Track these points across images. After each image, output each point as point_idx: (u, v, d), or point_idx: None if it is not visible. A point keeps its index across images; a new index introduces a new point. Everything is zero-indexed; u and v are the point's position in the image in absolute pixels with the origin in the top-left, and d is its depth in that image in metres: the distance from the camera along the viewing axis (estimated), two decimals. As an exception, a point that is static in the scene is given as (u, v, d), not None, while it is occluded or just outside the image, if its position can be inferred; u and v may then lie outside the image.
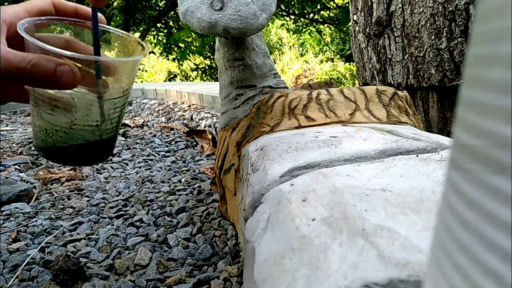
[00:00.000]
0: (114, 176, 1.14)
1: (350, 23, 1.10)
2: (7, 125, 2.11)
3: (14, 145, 1.52)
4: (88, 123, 0.38)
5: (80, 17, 0.40)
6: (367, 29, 0.98)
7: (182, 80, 7.41)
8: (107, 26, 0.41)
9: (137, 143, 1.55)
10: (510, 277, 0.08)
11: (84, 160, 0.42)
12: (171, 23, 5.71)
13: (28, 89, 0.37)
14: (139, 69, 7.35)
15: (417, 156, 0.39)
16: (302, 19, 5.01)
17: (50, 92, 0.35)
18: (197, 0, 0.56)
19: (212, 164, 1.22)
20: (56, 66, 0.31)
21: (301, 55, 6.70)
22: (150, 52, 7.29)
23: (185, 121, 1.90)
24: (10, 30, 0.35)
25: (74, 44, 0.39)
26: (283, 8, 4.77)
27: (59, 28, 0.40)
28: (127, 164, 1.27)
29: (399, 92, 0.65)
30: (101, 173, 1.17)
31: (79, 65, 0.34)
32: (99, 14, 0.40)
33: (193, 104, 2.17)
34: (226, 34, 0.57)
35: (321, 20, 5.15)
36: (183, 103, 2.32)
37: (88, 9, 0.40)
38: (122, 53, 0.43)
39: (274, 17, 4.58)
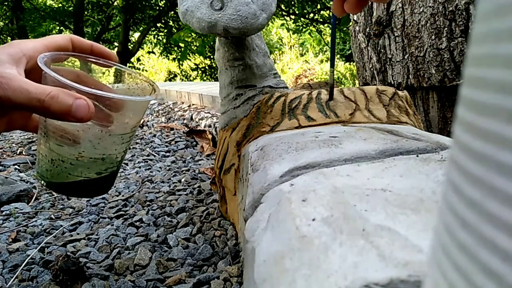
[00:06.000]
0: (114, 176, 1.14)
1: (350, 23, 1.10)
2: (7, 125, 2.11)
3: (14, 145, 1.52)
4: (95, 156, 0.39)
5: (95, 54, 0.42)
6: (367, 29, 0.98)
7: (182, 80, 7.41)
8: (119, 65, 0.44)
9: (137, 143, 1.55)
10: (510, 277, 0.08)
11: (85, 192, 0.43)
12: (171, 23, 5.72)
13: (39, 119, 0.38)
14: (139, 69, 7.36)
15: (417, 156, 0.39)
16: (302, 19, 5.02)
17: (60, 124, 0.36)
18: (197, 0, 0.56)
19: (212, 164, 1.22)
20: (73, 100, 0.33)
21: (301, 55, 6.70)
22: (150, 52, 7.33)
23: (185, 121, 1.90)
24: (29, 63, 0.36)
25: (85, 78, 0.41)
26: (283, 8, 4.77)
27: (72, 63, 0.42)
28: (127, 164, 1.27)
29: (399, 92, 0.65)
30: (101, 173, 1.17)
31: (93, 100, 0.35)
32: (112, 52, 0.43)
33: (193, 104, 2.17)
34: (226, 34, 0.57)
35: (321, 20, 5.15)
36: (183, 103, 2.32)
37: (102, 47, 0.43)
38: (131, 90, 0.45)
39: (274, 17, 4.58)
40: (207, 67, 7.34)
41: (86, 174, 0.40)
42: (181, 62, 6.73)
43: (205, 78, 7.32)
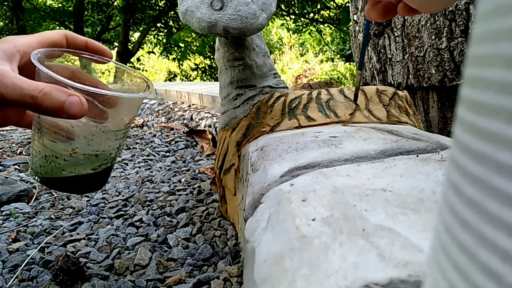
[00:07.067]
0: (114, 176, 1.14)
1: (350, 23, 1.10)
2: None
3: (14, 145, 1.52)
4: (89, 152, 0.39)
5: (89, 50, 0.42)
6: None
7: (182, 80, 7.42)
8: (115, 61, 0.44)
9: (137, 143, 1.55)
10: (510, 277, 0.08)
11: (79, 188, 0.43)
12: (171, 23, 5.72)
13: (33, 115, 0.38)
14: (139, 69, 7.36)
15: (417, 156, 0.39)
16: (302, 18, 5.02)
17: (53, 120, 0.36)
18: (197, 0, 0.56)
19: (212, 164, 1.22)
20: (66, 97, 0.33)
21: (301, 55, 6.70)
22: (150, 52, 7.33)
23: (185, 121, 1.90)
24: (23, 59, 0.36)
25: (79, 74, 0.41)
26: (283, 7, 4.77)
27: (67, 59, 0.42)
28: (127, 164, 1.27)
29: (399, 92, 0.65)
30: (101, 173, 1.17)
31: (87, 96, 0.35)
32: (106, 49, 0.43)
33: (193, 104, 2.17)
34: (226, 34, 0.57)
35: (321, 19, 5.15)
36: (183, 103, 2.32)
37: (97, 43, 0.42)
38: (125, 87, 0.45)
39: (274, 16, 4.58)
40: (207, 67, 7.34)
41: (80, 170, 0.40)
42: (181, 62, 6.73)
43: (205, 78, 7.32)
